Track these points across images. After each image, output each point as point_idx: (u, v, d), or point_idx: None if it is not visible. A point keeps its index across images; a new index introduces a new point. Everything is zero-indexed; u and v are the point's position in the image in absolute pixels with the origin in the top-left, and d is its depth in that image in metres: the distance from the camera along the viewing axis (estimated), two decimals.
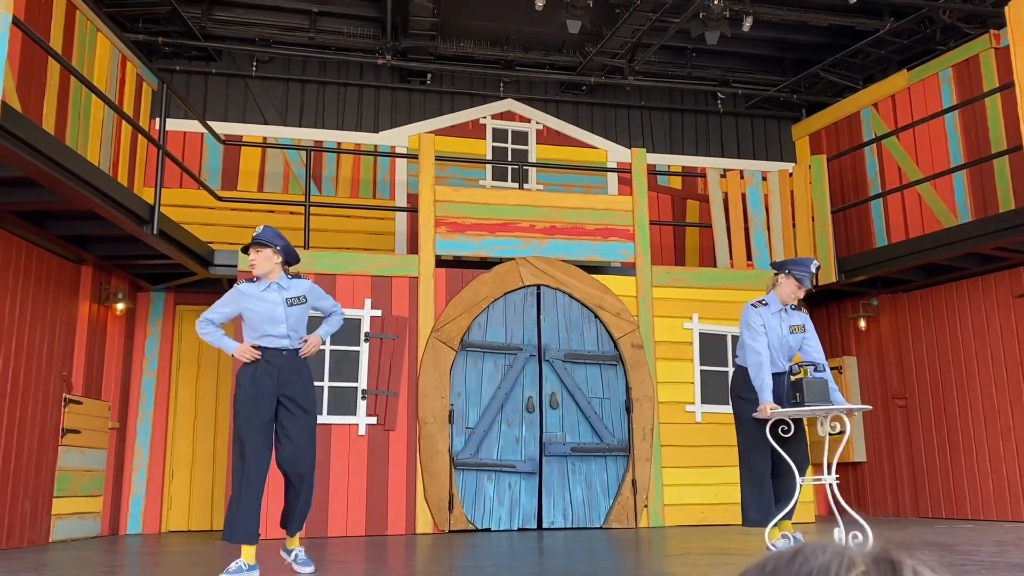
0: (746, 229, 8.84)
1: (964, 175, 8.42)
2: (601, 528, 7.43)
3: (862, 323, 8.93)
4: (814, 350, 5.32)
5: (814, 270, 5.31)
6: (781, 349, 5.25)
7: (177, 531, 7.99)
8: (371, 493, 7.19)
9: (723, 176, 9.06)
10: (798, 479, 5.06)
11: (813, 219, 8.68)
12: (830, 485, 5.15)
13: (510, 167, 9.71)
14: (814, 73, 10.35)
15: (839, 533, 5.06)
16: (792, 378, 5.19)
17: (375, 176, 9.53)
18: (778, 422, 5.08)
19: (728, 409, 7.92)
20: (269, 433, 4.48)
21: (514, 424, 7.51)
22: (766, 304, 5.26)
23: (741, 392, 5.25)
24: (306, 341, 4.61)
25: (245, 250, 4.64)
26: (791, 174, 8.98)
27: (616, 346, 7.80)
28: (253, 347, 4.48)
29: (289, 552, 4.62)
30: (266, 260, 4.54)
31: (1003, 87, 7.53)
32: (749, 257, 8.80)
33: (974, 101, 7.94)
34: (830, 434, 5.12)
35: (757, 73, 10.79)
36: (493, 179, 9.77)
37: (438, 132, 9.34)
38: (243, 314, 4.57)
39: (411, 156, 8.59)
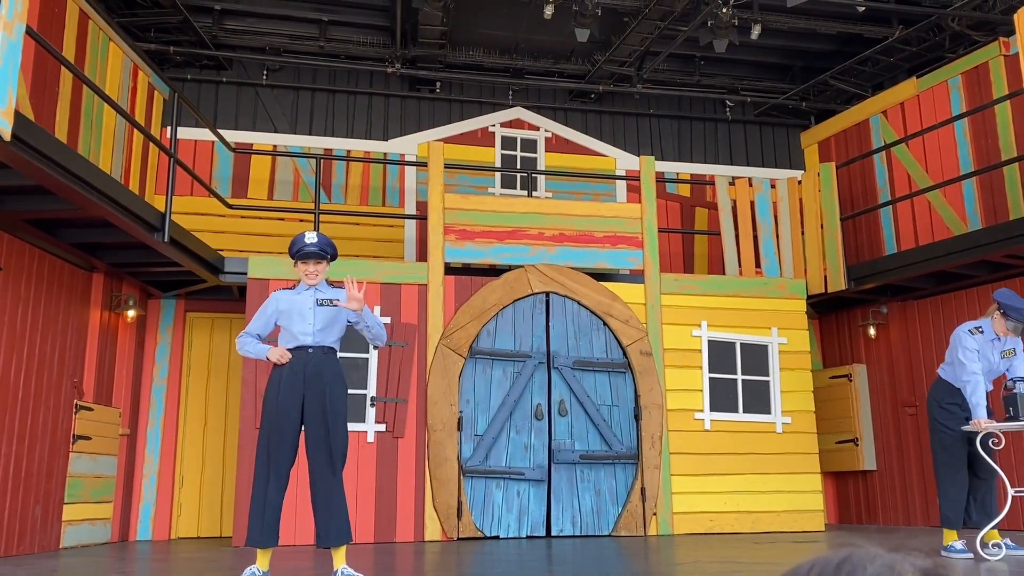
0: (755, 237, 8.84)
1: (974, 182, 8.40)
2: (610, 536, 7.42)
3: (872, 331, 8.90)
4: (1022, 366, 5.60)
5: None
6: (989, 374, 5.53)
7: (187, 537, 8.02)
8: (380, 500, 7.20)
9: (732, 184, 9.06)
10: (1010, 489, 5.42)
11: (822, 227, 8.67)
12: None
13: (519, 175, 9.73)
14: (823, 81, 10.34)
15: None
16: (1005, 392, 5.48)
17: (384, 184, 9.56)
18: (988, 435, 5.38)
19: (738, 417, 7.99)
20: (290, 436, 4.39)
21: (523, 431, 7.51)
22: (982, 331, 5.50)
23: (943, 403, 5.58)
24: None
25: (303, 257, 4.52)
26: (800, 182, 8.98)
27: (625, 353, 7.80)
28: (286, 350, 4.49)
29: (334, 573, 4.30)
30: (324, 271, 4.59)
31: (1013, 94, 7.51)
32: (758, 265, 8.80)
33: (984, 108, 7.92)
34: None
35: (766, 81, 10.79)
36: (502, 187, 9.80)
37: (447, 140, 9.38)
38: (278, 319, 4.59)
39: (420, 164, 8.62)
